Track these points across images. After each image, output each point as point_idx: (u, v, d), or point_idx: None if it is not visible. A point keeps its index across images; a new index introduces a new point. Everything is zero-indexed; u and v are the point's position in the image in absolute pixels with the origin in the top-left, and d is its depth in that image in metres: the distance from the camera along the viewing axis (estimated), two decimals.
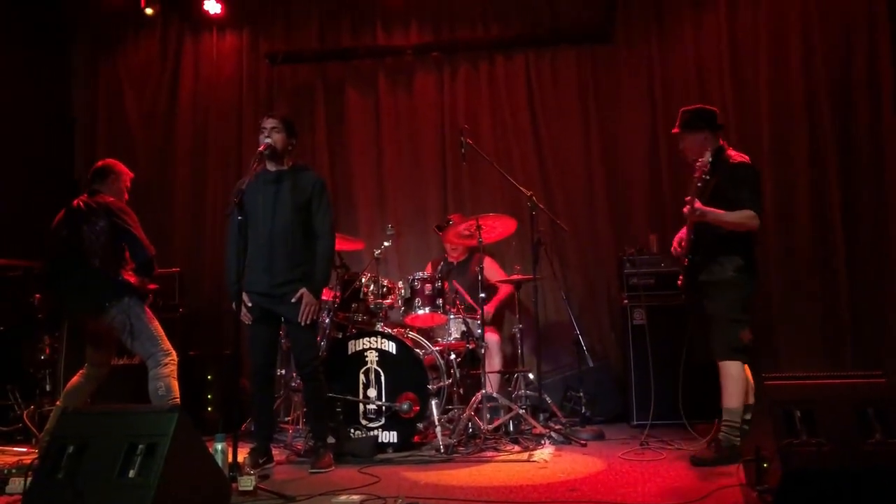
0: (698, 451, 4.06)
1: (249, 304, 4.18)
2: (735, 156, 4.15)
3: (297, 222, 4.18)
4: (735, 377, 4.02)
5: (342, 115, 6.81)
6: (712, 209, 3.97)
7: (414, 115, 6.74)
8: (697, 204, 3.95)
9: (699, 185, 3.94)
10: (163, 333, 4.43)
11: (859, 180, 5.73)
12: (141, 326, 4.35)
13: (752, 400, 4.08)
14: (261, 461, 4.12)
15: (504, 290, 5.81)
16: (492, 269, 5.75)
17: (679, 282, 4.38)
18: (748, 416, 4.00)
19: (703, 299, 4.14)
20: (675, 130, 4.34)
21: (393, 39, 6.79)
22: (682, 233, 4.38)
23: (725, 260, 4.10)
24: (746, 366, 4.09)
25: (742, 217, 3.97)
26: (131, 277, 4.39)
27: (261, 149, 4.14)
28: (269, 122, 4.26)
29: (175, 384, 4.35)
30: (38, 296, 5.49)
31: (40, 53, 6.77)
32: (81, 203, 4.42)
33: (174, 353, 4.43)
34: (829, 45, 5.84)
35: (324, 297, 4.66)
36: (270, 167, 4.30)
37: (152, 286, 4.57)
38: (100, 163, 4.75)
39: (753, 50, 6.05)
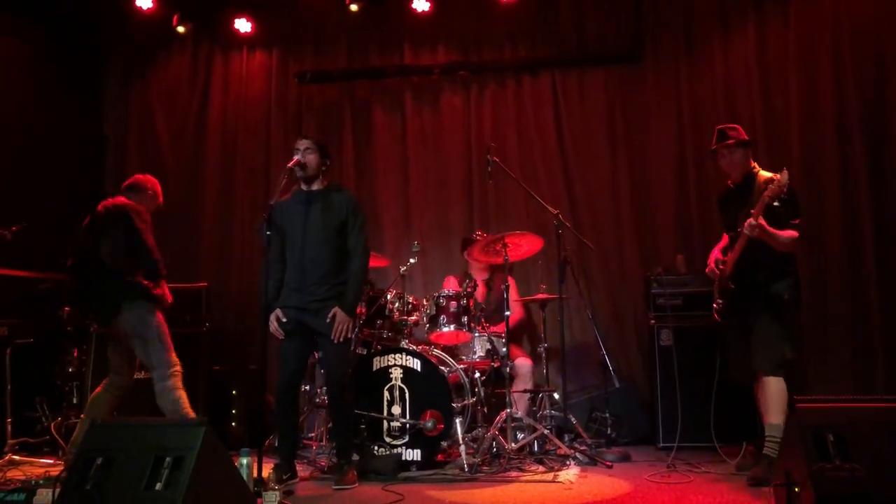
0: (753, 471, 4.00)
1: (284, 320, 4.23)
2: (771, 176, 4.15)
3: (331, 242, 4.26)
4: (780, 392, 4.07)
5: (369, 134, 6.85)
6: (771, 228, 3.98)
7: (440, 134, 6.77)
8: (761, 220, 3.93)
9: (767, 202, 3.89)
10: (171, 345, 4.47)
11: (891, 204, 5.64)
12: (151, 333, 4.40)
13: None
14: (285, 476, 4.13)
15: (517, 314, 5.75)
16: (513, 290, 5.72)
17: (717, 303, 4.37)
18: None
19: (752, 317, 4.16)
20: (731, 142, 4.30)
21: (420, 59, 6.83)
22: (718, 253, 4.36)
23: (782, 279, 4.14)
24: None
25: (791, 238, 4.06)
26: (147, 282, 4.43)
27: (290, 164, 4.23)
28: (302, 143, 4.34)
29: (185, 396, 4.40)
30: (67, 309, 5.55)
31: (74, 73, 6.91)
32: (103, 208, 4.52)
33: (180, 364, 4.47)
34: (861, 69, 5.76)
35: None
36: (304, 187, 4.38)
37: (166, 296, 4.58)
38: (141, 177, 4.81)
39: (783, 72, 6.00)
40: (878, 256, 5.59)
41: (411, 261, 5.10)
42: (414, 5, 6.55)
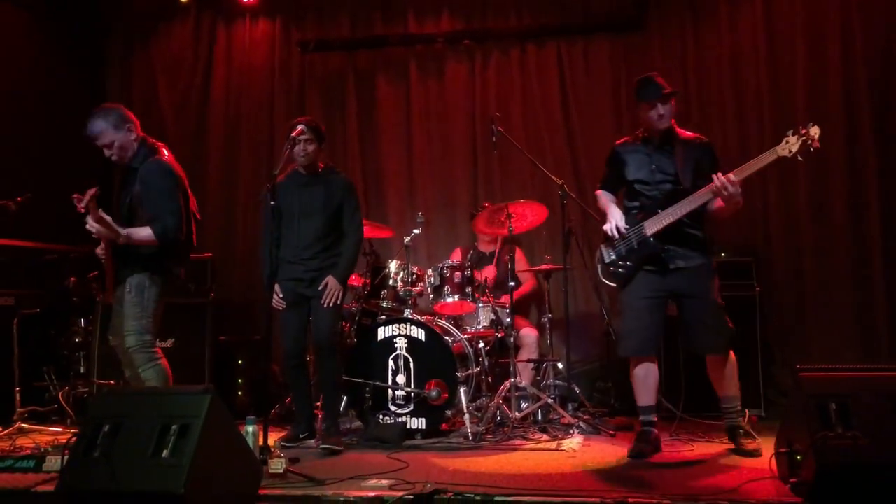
0: (750, 445, 3.96)
1: (281, 295, 4.44)
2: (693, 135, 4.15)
3: (327, 224, 4.44)
4: (734, 365, 4.06)
5: (373, 104, 6.81)
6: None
7: (445, 103, 6.72)
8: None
9: (769, 163, 3.74)
10: None
11: None
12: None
13: None
14: (301, 435, 4.42)
15: (528, 284, 5.79)
16: (520, 261, 5.73)
17: (620, 264, 4.08)
18: None
19: (689, 289, 3.98)
20: (669, 90, 4.04)
21: (424, 27, 6.77)
22: (617, 210, 4.15)
23: (710, 251, 4.06)
24: None
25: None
26: None
27: (294, 133, 4.26)
28: (302, 135, 4.36)
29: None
30: (73, 279, 5.57)
31: (76, 44, 6.85)
32: None
33: None
34: (870, 38, 5.68)
35: (354, 284, 4.85)
36: (302, 170, 4.49)
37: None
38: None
39: (790, 40, 5.93)
40: (883, 226, 5.57)
41: (415, 231, 5.10)
42: None
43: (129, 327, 3.87)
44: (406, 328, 4.71)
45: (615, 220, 4.08)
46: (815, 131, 3.63)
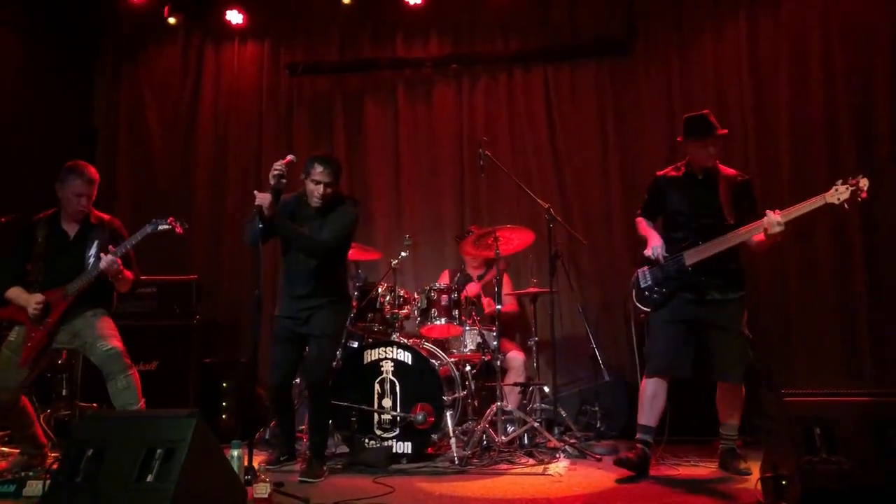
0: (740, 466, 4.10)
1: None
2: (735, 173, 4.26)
3: (324, 260, 4.28)
4: (742, 395, 4.18)
5: (361, 127, 6.84)
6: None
7: (432, 126, 6.77)
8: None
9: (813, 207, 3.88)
10: None
11: (879, 196, 5.67)
12: None
13: None
14: (282, 458, 4.37)
15: (509, 306, 5.78)
16: (505, 285, 5.75)
17: (656, 291, 4.18)
18: None
19: (715, 318, 4.07)
20: (724, 132, 4.21)
21: (413, 51, 6.83)
22: (658, 238, 4.23)
23: (743, 284, 4.14)
24: None
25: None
26: None
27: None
28: (323, 176, 4.18)
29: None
30: None
31: (63, 64, 6.85)
32: None
33: None
34: (851, 62, 5.78)
35: None
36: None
37: None
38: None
39: (774, 65, 6.02)
40: (866, 251, 5.62)
41: (403, 254, 5.11)
42: None
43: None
44: (392, 351, 4.70)
45: (656, 245, 4.17)
46: (864, 183, 3.77)
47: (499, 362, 4.88)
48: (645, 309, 4.24)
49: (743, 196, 4.14)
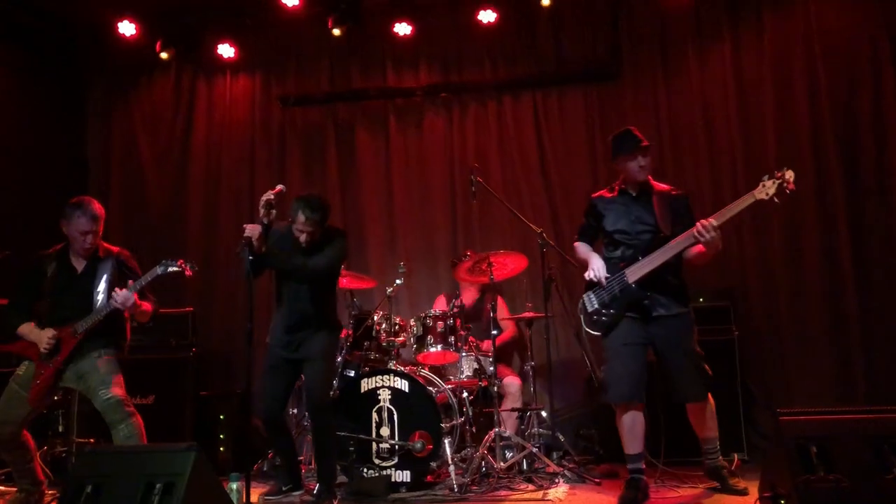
0: (740, 485, 4.10)
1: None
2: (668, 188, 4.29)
3: (316, 291, 4.29)
4: (713, 408, 4.17)
5: (353, 156, 6.89)
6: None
7: (424, 154, 6.82)
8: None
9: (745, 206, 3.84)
10: None
11: (867, 216, 5.75)
12: None
13: None
14: (284, 488, 4.34)
15: (509, 332, 5.81)
16: (501, 309, 5.78)
17: (602, 313, 4.13)
18: None
19: (665, 335, 4.05)
20: (647, 143, 4.20)
21: (402, 81, 6.90)
22: (597, 259, 4.21)
23: (686, 296, 4.14)
24: None
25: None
26: None
27: (298, 224, 4.14)
28: (307, 226, 4.14)
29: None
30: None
31: (56, 98, 6.92)
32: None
33: None
34: (834, 80, 5.90)
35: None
36: None
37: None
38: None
39: (758, 87, 6.12)
40: (855, 267, 5.69)
41: (397, 282, 5.12)
42: (395, 28, 6.65)
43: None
44: (389, 379, 4.69)
45: (596, 267, 4.15)
46: (789, 174, 3.76)
47: (496, 388, 4.88)
48: (596, 333, 4.20)
49: (680, 211, 4.12)
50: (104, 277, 4.16)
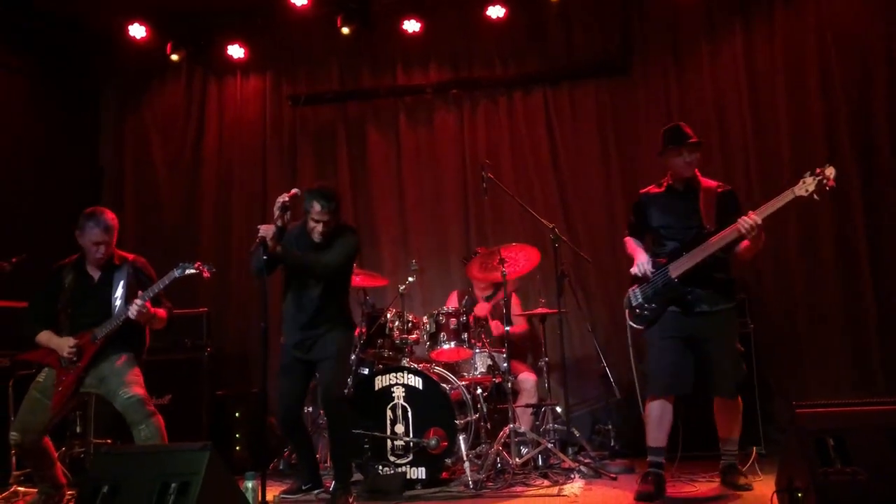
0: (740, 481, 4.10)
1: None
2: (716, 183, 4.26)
3: (330, 285, 4.28)
4: (740, 408, 4.17)
5: (364, 154, 6.90)
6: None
7: (435, 151, 6.82)
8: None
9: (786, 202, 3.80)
10: None
11: (882, 208, 5.69)
12: None
13: None
14: (304, 487, 4.36)
15: (520, 327, 5.79)
16: (514, 305, 5.77)
17: (646, 307, 4.16)
18: None
19: (706, 332, 4.03)
20: (696, 139, 4.17)
21: (412, 79, 6.90)
22: (643, 254, 4.24)
23: (733, 294, 4.13)
24: None
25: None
26: None
27: (314, 214, 4.15)
28: (322, 215, 4.14)
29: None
30: None
31: (69, 105, 6.96)
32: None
33: None
34: (847, 74, 5.83)
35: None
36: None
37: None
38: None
39: (771, 79, 6.07)
40: (871, 259, 5.63)
41: (410, 279, 5.13)
42: (404, 26, 6.65)
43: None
44: (403, 377, 4.70)
45: (642, 262, 4.17)
46: (830, 171, 3.70)
47: (510, 384, 4.88)
48: (639, 327, 4.22)
49: (728, 206, 4.10)
50: (121, 283, 4.20)
